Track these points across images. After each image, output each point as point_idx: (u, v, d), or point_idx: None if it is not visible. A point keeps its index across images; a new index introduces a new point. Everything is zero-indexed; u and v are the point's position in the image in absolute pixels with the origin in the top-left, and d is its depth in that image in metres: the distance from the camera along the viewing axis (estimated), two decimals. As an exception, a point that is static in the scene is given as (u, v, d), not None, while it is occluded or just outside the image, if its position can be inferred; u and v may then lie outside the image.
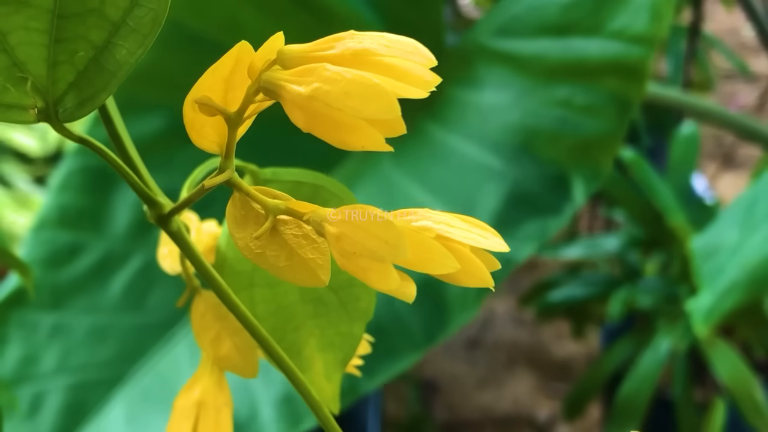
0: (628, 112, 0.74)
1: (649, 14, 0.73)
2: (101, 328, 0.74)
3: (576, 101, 0.75)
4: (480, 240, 0.19)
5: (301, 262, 0.22)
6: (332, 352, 0.28)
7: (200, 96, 0.21)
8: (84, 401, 0.72)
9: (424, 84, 0.19)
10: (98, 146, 0.24)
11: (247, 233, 0.22)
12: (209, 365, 0.29)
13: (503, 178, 0.74)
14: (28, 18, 0.22)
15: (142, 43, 0.22)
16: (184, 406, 0.28)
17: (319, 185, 0.27)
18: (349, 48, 0.20)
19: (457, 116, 0.79)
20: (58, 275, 0.76)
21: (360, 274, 0.19)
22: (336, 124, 0.19)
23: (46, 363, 0.73)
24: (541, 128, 0.75)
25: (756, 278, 0.75)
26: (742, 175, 1.96)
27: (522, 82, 0.78)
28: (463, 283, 0.20)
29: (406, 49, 0.20)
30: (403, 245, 0.19)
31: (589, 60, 0.76)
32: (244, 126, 0.22)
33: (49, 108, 0.23)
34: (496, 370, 1.62)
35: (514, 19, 0.81)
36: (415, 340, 0.70)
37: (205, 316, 0.29)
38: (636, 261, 1.25)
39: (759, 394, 0.97)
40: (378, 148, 0.19)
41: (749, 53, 2.34)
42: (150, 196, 0.24)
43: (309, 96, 0.19)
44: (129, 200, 0.78)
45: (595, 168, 0.74)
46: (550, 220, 0.72)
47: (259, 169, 0.27)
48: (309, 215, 0.21)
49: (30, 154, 1.24)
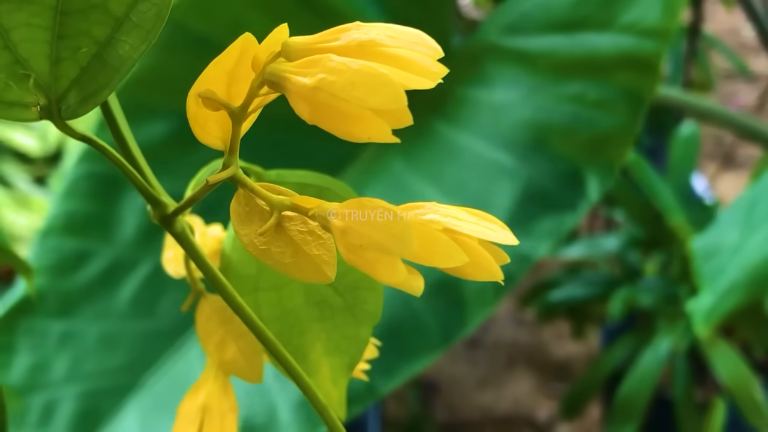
0: (641, 107, 0.73)
1: (661, 7, 0.73)
2: (112, 335, 0.74)
3: (588, 97, 0.74)
4: (488, 233, 0.19)
5: (307, 258, 0.21)
6: (338, 356, 0.28)
7: (204, 90, 0.21)
8: (96, 409, 0.71)
9: (430, 74, 0.19)
10: (101, 145, 0.23)
11: (251, 230, 0.22)
12: (214, 370, 0.29)
13: (517, 176, 0.73)
14: (30, 15, 0.22)
15: (146, 38, 0.22)
16: (189, 411, 0.28)
17: (324, 187, 0.26)
18: (354, 39, 0.20)
19: (469, 115, 0.79)
20: (66, 282, 0.75)
21: (367, 267, 0.19)
22: (341, 115, 0.19)
23: (57, 371, 0.72)
24: (554, 124, 0.75)
25: (756, 278, 0.75)
26: (742, 175, 1.96)
27: (533, 79, 0.77)
28: (472, 277, 0.20)
29: (412, 39, 0.19)
30: (410, 237, 0.18)
31: (600, 55, 0.75)
32: (249, 121, 0.22)
33: (52, 105, 0.23)
34: (496, 371, 1.62)
35: (524, 17, 0.81)
36: (433, 339, 0.69)
37: (209, 320, 0.29)
38: (636, 261, 1.25)
39: (759, 394, 0.97)
40: (384, 139, 0.19)
41: (749, 53, 2.34)
42: (154, 196, 0.24)
43: (314, 87, 0.19)
44: (136, 206, 0.77)
45: (609, 163, 0.73)
46: (565, 216, 0.72)
47: (263, 171, 0.27)
48: (314, 210, 0.21)
49: (30, 154, 1.24)
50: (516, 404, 1.54)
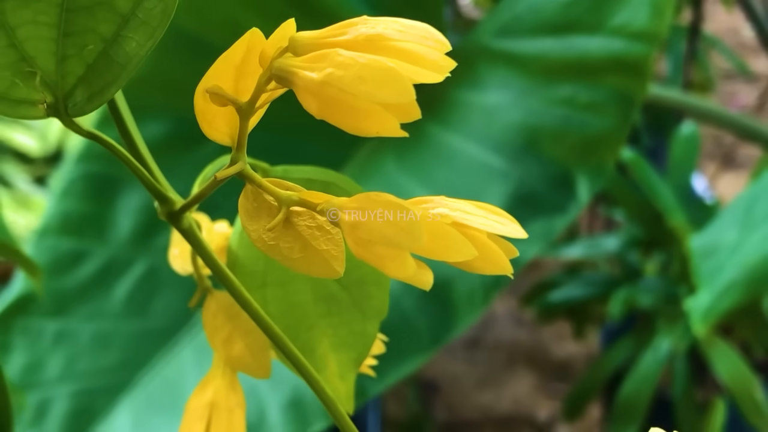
0: (631, 109, 0.74)
1: (649, 10, 0.73)
2: (105, 335, 0.74)
3: (579, 99, 0.75)
4: (497, 226, 0.19)
5: (315, 253, 0.21)
6: (346, 352, 0.28)
7: (211, 85, 0.21)
8: (89, 408, 0.72)
9: (438, 68, 0.19)
10: (108, 141, 0.23)
11: (260, 225, 0.22)
12: (221, 366, 0.29)
13: (507, 178, 0.74)
14: (36, 12, 0.22)
15: (152, 35, 0.22)
16: (197, 407, 0.28)
17: (330, 182, 0.26)
18: (362, 33, 0.20)
19: (460, 117, 0.79)
20: (61, 282, 0.76)
21: (377, 262, 0.19)
22: (350, 110, 0.19)
23: (51, 370, 0.73)
24: (545, 127, 0.75)
25: (755, 278, 0.75)
26: (742, 175, 1.96)
27: (524, 82, 0.78)
28: (481, 271, 0.20)
29: (420, 33, 0.19)
30: (420, 232, 0.18)
31: (590, 58, 0.75)
32: (256, 117, 0.22)
33: (59, 103, 0.23)
34: (496, 370, 1.62)
35: (515, 19, 0.81)
36: (422, 341, 0.69)
37: (216, 316, 0.29)
38: (636, 261, 1.25)
39: (759, 394, 0.97)
40: (393, 134, 0.19)
41: (749, 53, 2.34)
42: (161, 192, 0.24)
43: (322, 81, 0.19)
44: (132, 206, 0.77)
45: (600, 166, 0.74)
46: (555, 219, 0.72)
47: (270, 167, 0.27)
48: (322, 205, 0.21)
49: (30, 154, 1.24)
50: (516, 404, 1.54)
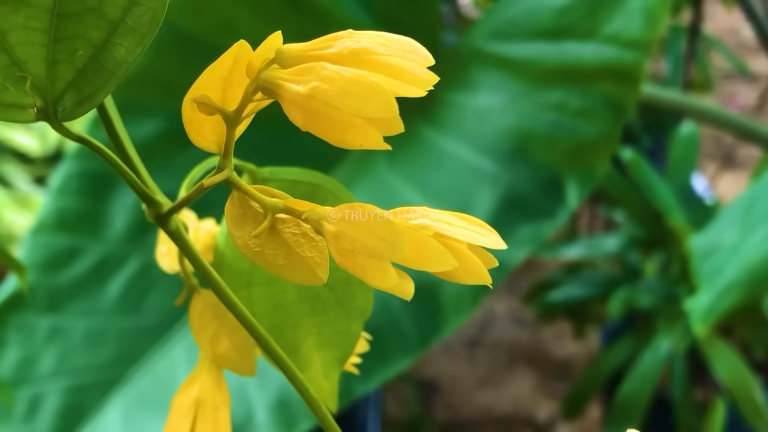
0: (622, 116, 0.74)
1: (643, 18, 0.74)
2: (98, 331, 0.75)
3: (570, 105, 0.75)
4: (477, 237, 0.20)
5: (300, 260, 0.22)
6: (330, 351, 0.28)
7: (199, 95, 0.22)
8: (81, 404, 0.72)
9: (421, 83, 0.19)
10: (97, 145, 0.24)
11: (245, 232, 0.22)
12: (207, 364, 0.29)
13: (497, 182, 0.74)
14: (27, 17, 0.22)
15: (141, 42, 0.22)
16: (182, 405, 0.28)
17: (317, 184, 0.27)
18: (347, 47, 0.20)
19: (452, 119, 0.79)
20: (55, 278, 0.76)
21: (359, 272, 0.19)
22: (334, 123, 0.19)
23: (44, 366, 0.73)
24: (536, 132, 0.76)
25: (755, 278, 0.75)
26: (742, 175, 1.96)
27: (517, 86, 0.78)
28: (461, 281, 0.20)
29: (404, 48, 0.20)
30: (402, 243, 0.19)
31: (583, 64, 0.76)
32: (243, 125, 0.22)
33: (48, 107, 0.23)
34: (496, 370, 1.62)
35: (510, 23, 0.81)
36: (410, 342, 0.70)
37: (203, 314, 0.29)
38: (636, 261, 1.25)
39: (759, 394, 0.97)
40: (376, 147, 0.19)
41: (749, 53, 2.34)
42: (149, 195, 0.25)
43: (307, 95, 0.19)
44: (126, 204, 0.78)
45: (589, 171, 0.74)
46: (544, 223, 0.72)
47: (257, 169, 0.27)
48: (307, 214, 0.21)
49: (30, 154, 1.24)
50: (516, 404, 1.54)
